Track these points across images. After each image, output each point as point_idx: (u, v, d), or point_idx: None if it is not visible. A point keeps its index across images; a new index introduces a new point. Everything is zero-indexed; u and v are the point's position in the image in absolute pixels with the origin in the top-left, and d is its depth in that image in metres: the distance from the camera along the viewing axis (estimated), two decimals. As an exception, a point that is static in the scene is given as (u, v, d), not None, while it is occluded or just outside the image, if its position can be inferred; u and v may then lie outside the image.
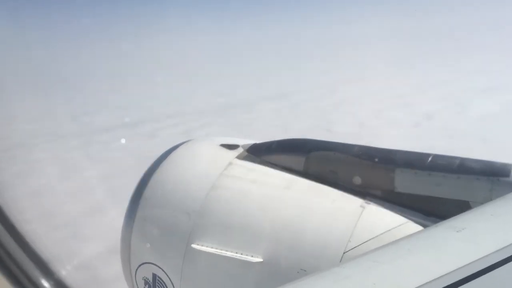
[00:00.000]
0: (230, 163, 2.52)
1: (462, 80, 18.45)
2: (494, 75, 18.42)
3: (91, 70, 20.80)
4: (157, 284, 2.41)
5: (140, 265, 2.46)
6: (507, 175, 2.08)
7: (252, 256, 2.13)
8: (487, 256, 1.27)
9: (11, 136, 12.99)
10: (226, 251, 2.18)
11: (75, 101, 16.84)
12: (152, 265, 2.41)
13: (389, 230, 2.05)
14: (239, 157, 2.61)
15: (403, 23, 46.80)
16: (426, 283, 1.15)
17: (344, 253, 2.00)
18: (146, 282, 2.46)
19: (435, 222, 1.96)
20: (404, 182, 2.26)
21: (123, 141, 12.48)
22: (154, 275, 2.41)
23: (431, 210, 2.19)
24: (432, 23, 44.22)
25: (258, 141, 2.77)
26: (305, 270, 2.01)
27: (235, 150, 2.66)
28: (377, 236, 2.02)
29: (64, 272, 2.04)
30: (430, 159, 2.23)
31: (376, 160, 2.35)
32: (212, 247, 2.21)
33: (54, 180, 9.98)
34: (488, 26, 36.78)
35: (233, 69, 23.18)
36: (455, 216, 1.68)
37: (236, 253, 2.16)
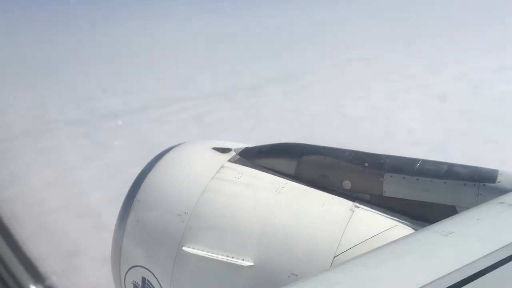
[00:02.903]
0: (222, 166, 2.61)
1: (474, 60, 18.41)
2: (507, 53, 18.37)
3: (93, 56, 20.76)
4: (146, 287, 2.46)
5: (130, 269, 2.51)
6: (493, 181, 2.19)
7: (243, 260, 2.19)
8: (474, 261, 1.32)
9: (17, 123, 13.11)
10: (217, 254, 2.24)
11: (78, 87, 16.86)
12: (142, 269, 2.46)
13: (378, 234, 2.14)
14: (231, 160, 2.71)
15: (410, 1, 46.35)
16: None
17: (334, 257, 2.08)
18: (135, 286, 2.52)
19: (423, 226, 2.11)
20: (393, 187, 2.37)
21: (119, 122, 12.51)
22: (144, 279, 2.46)
23: (419, 214, 2.29)
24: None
25: (250, 145, 2.88)
26: (296, 275, 2.08)
27: (227, 154, 2.75)
28: (366, 240, 2.10)
29: (55, 277, 2.10)
30: (418, 164, 2.36)
31: (366, 165, 2.45)
32: (203, 251, 2.27)
33: (68, 168, 10.13)
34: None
35: (237, 51, 23.12)
36: (442, 221, 1.76)
37: (227, 256, 2.22)
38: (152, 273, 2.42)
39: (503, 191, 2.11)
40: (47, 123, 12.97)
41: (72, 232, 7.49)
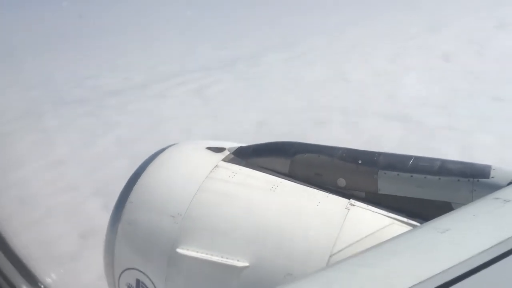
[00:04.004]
0: (216, 166, 2.61)
1: (474, 18, 18.25)
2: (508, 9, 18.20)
3: (86, 31, 20.43)
4: None
5: (123, 271, 2.51)
6: (487, 176, 2.21)
7: (238, 261, 2.19)
8: (471, 257, 1.33)
9: (17, 104, 13.06)
10: (212, 255, 2.23)
11: (74, 64, 16.68)
12: (136, 271, 2.45)
13: (374, 231, 2.15)
14: (225, 159, 2.72)
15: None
16: (413, 286, 1.22)
17: (330, 256, 2.08)
18: None
19: (419, 223, 2.17)
20: (387, 184, 2.39)
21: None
22: (138, 281, 2.45)
23: (414, 211, 2.31)
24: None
25: (244, 144, 2.91)
26: (291, 274, 2.09)
27: (221, 153, 2.76)
28: (362, 238, 2.11)
29: (49, 280, 2.12)
30: (411, 161, 2.38)
31: (360, 162, 2.45)
32: (197, 252, 2.27)
33: (75, 148, 10.19)
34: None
35: (232, 20, 22.79)
36: (438, 217, 1.77)
37: (222, 257, 2.21)
38: (146, 275, 2.43)
39: (497, 187, 2.15)
40: (48, 104, 12.93)
41: (85, 212, 7.61)
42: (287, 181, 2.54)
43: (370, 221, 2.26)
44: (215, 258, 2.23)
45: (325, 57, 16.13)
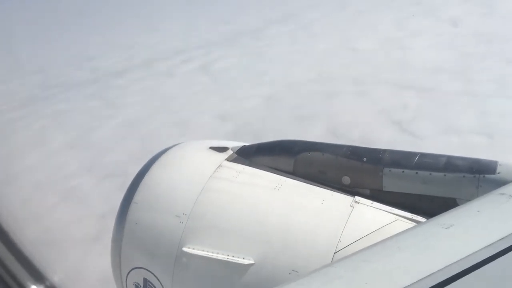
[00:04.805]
0: (220, 166, 2.62)
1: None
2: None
3: (82, 11, 20.08)
4: None
5: (131, 270, 2.54)
6: (493, 172, 2.20)
7: (243, 259, 2.21)
8: (475, 252, 1.34)
9: (20, 90, 12.91)
10: (218, 254, 2.26)
11: (73, 46, 16.44)
12: (143, 270, 2.48)
13: (379, 228, 2.16)
14: (229, 159, 2.71)
15: None
16: (418, 281, 1.23)
17: (335, 252, 2.10)
18: (137, 287, 2.56)
19: (424, 219, 2.17)
20: (392, 181, 2.39)
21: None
22: (145, 280, 2.49)
23: (419, 207, 2.31)
24: None
25: (247, 143, 2.89)
26: (297, 271, 2.11)
27: (225, 153, 2.75)
28: (367, 235, 2.12)
29: (56, 278, 2.11)
30: (417, 158, 2.37)
31: (364, 160, 2.45)
32: (203, 250, 2.29)
33: (83, 131, 10.10)
34: None
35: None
36: (443, 213, 1.77)
37: (228, 255, 2.24)
38: (154, 274, 2.45)
39: (503, 182, 2.13)
40: (52, 88, 12.77)
41: (102, 193, 7.57)
42: (291, 179, 2.54)
43: (374, 218, 2.27)
44: (221, 257, 2.25)
45: (330, 27, 15.86)
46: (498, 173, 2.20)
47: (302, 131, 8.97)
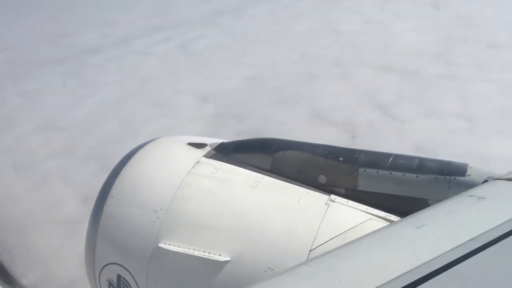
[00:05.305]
0: (198, 162, 2.63)
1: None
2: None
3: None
4: (121, 285, 2.48)
5: (104, 266, 2.52)
6: (463, 174, 2.29)
7: (220, 255, 2.23)
8: (446, 252, 1.38)
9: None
10: (194, 250, 2.26)
11: (46, 22, 15.87)
12: (117, 266, 2.47)
13: (353, 227, 2.21)
14: (207, 155, 2.72)
15: None
16: (390, 280, 1.26)
17: (310, 250, 2.14)
18: (110, 284, 2.54)
19: (396, 219, 2.25)
20: (367, 181, 2.46)
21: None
22: (119, 276, 2.47)
23: (392, 207, 2.37)
24: None
25: (225, 140, 2.93)
26: (272, 269, 2.14)
27: (203, 149, 2.77)
28: (341, 233, 2.17)
29: (26, 281, 2.06)
30: (391, 159, 2.45)
31: (341, 159, 2.51)
32: (179, 246, 2.29)
33: (59, 111, 9.82)
34: None
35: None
36: (415, 213, 1.82)
37: (204, 252, 2.25)
38: (128, 270, 2.43)
39: (472, 185, 2.22)
40: (23, 65, 12.34)
41: (83, 175, 7.41)
42: (268, 177, 2.57)
43: (349, 217, 2.32)
44: (197, 253, 2.26)
45: (311, 8, 15.72)
46: (468, 175, 2.29)
47: (284, 114, 8.94)
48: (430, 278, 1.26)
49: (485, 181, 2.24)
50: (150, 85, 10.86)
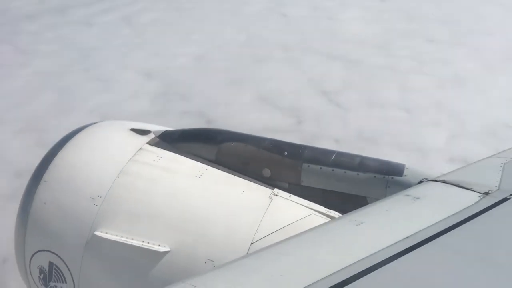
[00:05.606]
0: (141, 149, 2.58)
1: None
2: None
3: None
4: (53, 273, 2.40)
5: (35, 252, 2.43)
6: (400, 174, 2.41)
7: (159, 246, 2.20)
8: (384, 249, 1.44)
9: None
10: (132, 239, 2.22)
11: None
12: (49, 253, 2.38)
13: (294, 221, 2.24)
14: (150, 143, 2.68)
15: None
16: (330, 274, 1.29)
17: (251, 243, 2.15)
18: (41, 271, 2.45)
19: (337, 214, 2.33)
20: (310, 177, 2.52)
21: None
22: (51, 264, 2.39)
23: (333, 203, 2.45)
24: None
25: (170, 128, 2.89)
26: (212, 261, 2.13)
27: (146, 136, 2.72)
28: (283, 227, 2.20)
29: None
30: (334, 156, 2.53)
31: (285, 154, 2.55)
32: (117, 235, 2.24)
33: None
34: None
35: None
36: (355, 210, 1.90)
37: (143, 242, 2.21)
38: (61, 258, 2.36)
39: (408, 184, 2.35)
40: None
41: (17, 148, 7.05)
42: (213, 168, 2.56)
43: (291, 211, 2.34)
44: (136, 243, 2.21)
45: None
46: (405, 175, 2.40)
47: (231, 96, 8.93)
48: (368, 273, 1.30)
49: (420, 181, 2.33)
50: (91, 57, 10.40)
